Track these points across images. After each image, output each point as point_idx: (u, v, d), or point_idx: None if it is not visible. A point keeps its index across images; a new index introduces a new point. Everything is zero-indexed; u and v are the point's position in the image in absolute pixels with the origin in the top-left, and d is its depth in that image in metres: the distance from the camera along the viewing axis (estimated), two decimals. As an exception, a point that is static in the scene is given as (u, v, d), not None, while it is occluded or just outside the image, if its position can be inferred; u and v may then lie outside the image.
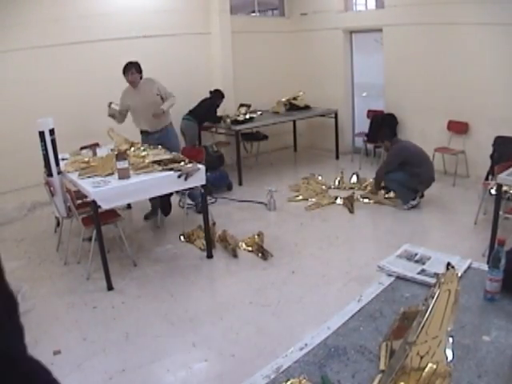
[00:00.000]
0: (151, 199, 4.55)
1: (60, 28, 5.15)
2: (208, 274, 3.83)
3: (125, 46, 5.70)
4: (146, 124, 4.59)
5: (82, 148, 4.51)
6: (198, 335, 2.88)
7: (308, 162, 6.99)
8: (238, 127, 5.90)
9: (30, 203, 5.19)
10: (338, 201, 5.14)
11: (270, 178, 5.79)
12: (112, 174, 3.63)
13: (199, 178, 3.73)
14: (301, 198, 5.32)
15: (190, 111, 5.99)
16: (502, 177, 3.43)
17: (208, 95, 6.16)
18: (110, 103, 4.47)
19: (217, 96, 6.16)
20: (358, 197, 5.17)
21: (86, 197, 3.59)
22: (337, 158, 7.03)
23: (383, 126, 6.07)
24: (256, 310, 3.17)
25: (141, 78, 4.51)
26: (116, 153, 3.76)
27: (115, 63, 5.66)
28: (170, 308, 3.21)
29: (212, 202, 5.18)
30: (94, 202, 3.29)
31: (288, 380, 1.15)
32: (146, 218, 4.87)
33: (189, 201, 4.78)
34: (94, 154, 4.28)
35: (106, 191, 3.35)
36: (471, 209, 4.58)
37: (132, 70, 4.40)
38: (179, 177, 3.62)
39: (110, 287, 3.47)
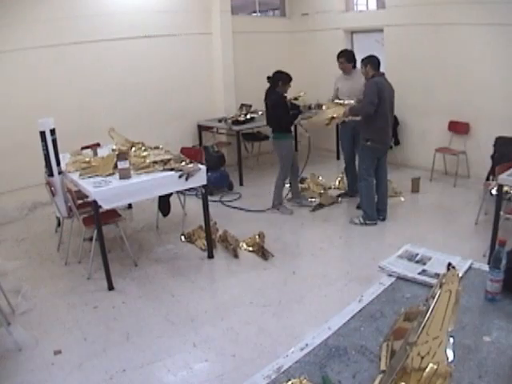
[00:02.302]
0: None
1: (60, 28, 5.15)
2: (209, 274, 3.83)
3: (126, 45, 5.71)
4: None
5: (82, 148, 4.52)
6: (199, 335, 2.88)
7: (309, 162, 6.97)
8: (239, 127, 5.90)
9: (30, 203, 5.20)
10: (339, 201, 5.14)
11: (271, 178, 5.77)
12: (113, 174, 3.64)
13: (200, 178, 3.74)
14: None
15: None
16: (503, 177, 3.43)
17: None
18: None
19: (275, 82, 4.76)
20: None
21: (86, 197, 3.59)
22: (337, 158, 7.02)
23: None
24: (257, 310, 3.17)
25: (353, 67, 4.92)
26: (117, 153, 3.77)
27: (117, 63, 5.71)
28: (171, 308, 3.21)
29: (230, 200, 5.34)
30: (94, 202, 3.29)
31: (289, 380, 1.15)
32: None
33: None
34: (95, 153, 4.28)
35: (106, 191, 3.35)
36: (472, 209, 4.58)
37: (341, 59, 4.87)
38: (180, 177, 3.63)
39: (110, 287, 3.47)
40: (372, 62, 4.32)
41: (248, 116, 6.11)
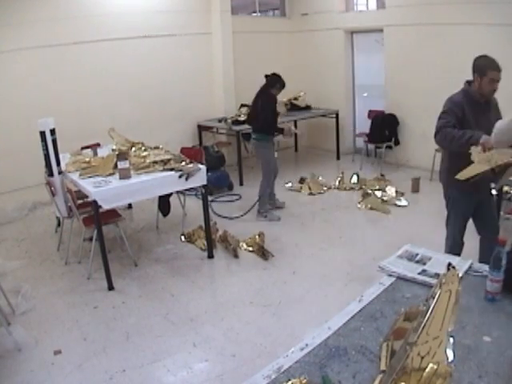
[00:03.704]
0: None
1: (61, 28, 5.15)
2: (209, 274, 3.83)
3: (126, 45, 5.72)
4: None
5: (82, 148, 4.52)
6: (199, 335, 2.88)
7: (309, 162, 6.99)
8: (239, 127, 5.90)
9: (30, 203, 5.20)
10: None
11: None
12: (113, 174, 3.64)
13: (200, 178, 3.74)
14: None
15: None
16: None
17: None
18: None
19: (273, 84, 4.72)
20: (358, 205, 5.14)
21: (86, 197, 3.59)
22: (338, 158, 7.02)
23: (384, 126, 6.11)
24: (257, 310, 3.17)
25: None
26: (117, 153, 3.77)
27: (117, 63, 5.71)
28: (171, 308, 3.21)
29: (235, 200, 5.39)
30: (94, 201, 3.29)
31: (289, 380, 1.15)
32: None
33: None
34: (95, 153, 4.28)
35: (106, 191, 3.35)
36: (472, 209, 4.57)
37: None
38: (180, 177, 3.63)
39: (110, 287, 3.47)
40: None
41: (248, 116, 6.11)
